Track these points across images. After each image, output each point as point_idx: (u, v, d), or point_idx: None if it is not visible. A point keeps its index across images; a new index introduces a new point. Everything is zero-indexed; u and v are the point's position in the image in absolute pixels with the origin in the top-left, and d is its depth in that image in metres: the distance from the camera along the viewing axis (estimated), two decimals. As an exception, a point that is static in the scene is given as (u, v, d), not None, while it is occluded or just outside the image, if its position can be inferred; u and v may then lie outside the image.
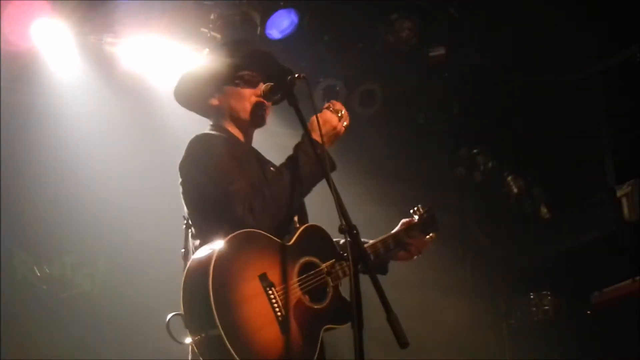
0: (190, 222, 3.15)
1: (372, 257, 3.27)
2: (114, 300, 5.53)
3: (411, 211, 3.59)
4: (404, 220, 3.53)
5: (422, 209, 3.59)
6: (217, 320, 2.62)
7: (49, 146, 5.49)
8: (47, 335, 5.25)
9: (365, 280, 2.57)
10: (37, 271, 5.45)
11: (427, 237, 3.54)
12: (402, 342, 2.43)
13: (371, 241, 3.35)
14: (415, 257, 3.51)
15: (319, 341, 2.86)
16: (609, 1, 5.90)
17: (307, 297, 2.90)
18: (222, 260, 2.73)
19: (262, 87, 3.22)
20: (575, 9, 5.92)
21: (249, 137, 3.31)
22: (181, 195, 3.14)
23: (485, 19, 6.24)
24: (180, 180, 3.12)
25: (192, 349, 2.84)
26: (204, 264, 2.74)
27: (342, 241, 3.29)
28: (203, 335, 2.69)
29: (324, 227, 3.13)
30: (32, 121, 5.50)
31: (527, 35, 6.26)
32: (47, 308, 5.38)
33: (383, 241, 3.37)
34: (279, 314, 2.77)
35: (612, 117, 6.52)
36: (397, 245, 3.43)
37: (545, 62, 6.53)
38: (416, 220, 3.54)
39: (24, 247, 5.43)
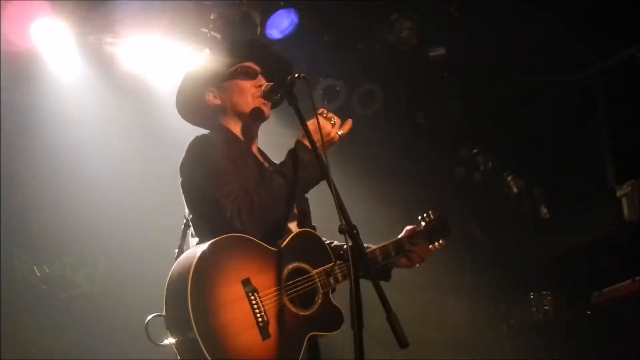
0: (190, 221, 3.15)
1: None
2: (114, 300, 5.53)
3: (420, 217, 3.53)
4: (408, 228, 3.48)
5: (432, 215, 3.53)
6: (194, 324, 2.64)
7: (49, 146, 5.49)
8: (47, 335, 5.25)
9: (365, 280, 2.57)
10: (37, 271, 5.45)
11: (436, 244, 3.49)
12: (402, 342, 2.43)
13: (372, 247, 3.30)
14: (417, 265, 3.45)
15: (303, 348, 2.84)
16: (609, 1, 5.90)
17: (293, 303, 2.88)
18: (203, 264, 2.73)
19: (263, 85, 3.20)
20: (575, 9, 5.92)
21: (252, 134, 3.28)
22: (182, 195, 3.14)
23: (485, 19, 6.23)
24: (180, 180, 3.12)
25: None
26: (185, 267, 2.74)
27: (335, 243, 3.28)
28: (181, 337, 2.71)
29: (317, 232, 3.12)
30: (32, 121, 5.50)
31: (527, 35, 6.25)
32: (47, 308, 5.38)
33: (383, 248, 3.32)
34: (260, 319, 2.76)
35: (612, 117, 6.51)
36: (398, 253, 3.38)
37: (545, 62, 6.52)
38: (422, 228, 3.49)
39: (24, 247, 5.43)
